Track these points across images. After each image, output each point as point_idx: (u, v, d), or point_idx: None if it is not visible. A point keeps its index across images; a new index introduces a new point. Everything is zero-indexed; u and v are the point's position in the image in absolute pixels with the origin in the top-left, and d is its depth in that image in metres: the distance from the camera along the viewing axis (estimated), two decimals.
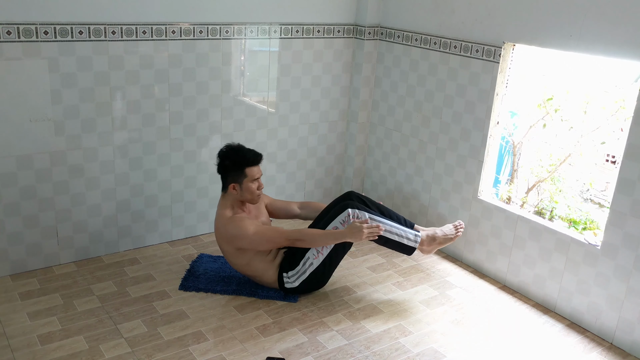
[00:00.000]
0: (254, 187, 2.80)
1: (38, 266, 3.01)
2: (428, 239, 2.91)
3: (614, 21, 2.50)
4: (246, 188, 2.79)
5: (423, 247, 2.91)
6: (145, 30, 2.96)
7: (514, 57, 3.03)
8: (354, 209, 2.79)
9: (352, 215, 2.77)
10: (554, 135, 3.64)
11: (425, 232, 2.94)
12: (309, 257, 2.79)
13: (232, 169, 2.78)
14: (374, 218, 2.80)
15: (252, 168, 2.79)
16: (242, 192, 2.79)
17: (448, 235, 2.94)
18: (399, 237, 2.83)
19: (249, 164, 2.78)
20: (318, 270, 2.81)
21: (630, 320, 2.61)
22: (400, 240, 2.84)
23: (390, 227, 2.82)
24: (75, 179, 2.99)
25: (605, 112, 3.39)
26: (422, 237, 2.90)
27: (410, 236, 2.86)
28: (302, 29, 3.50)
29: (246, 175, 2.77)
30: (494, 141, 3.18)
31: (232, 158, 2.79)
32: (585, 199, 3.72)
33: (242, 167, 2.77)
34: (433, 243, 2.92)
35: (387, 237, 2.81)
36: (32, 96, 2.75)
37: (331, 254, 2.80)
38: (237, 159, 2.79)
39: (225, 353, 2.44)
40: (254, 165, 2.80)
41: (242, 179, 2.77)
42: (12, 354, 2.34)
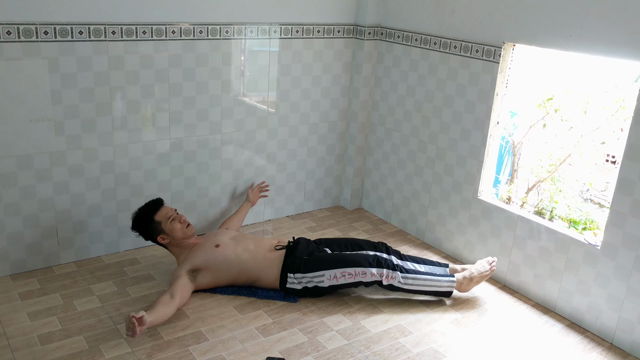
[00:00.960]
0: (175, 224, 2.83)
1: (38, 266, 3.01)
2: (465, 281, 2.93)
3: (614, 21, 2.50)
4: (171, 230, 2.82)
5: (461, 287, 2.94)
6: (145, 30, 2.96)
7: (514, 57, 3.03)
8: (390, 269, 2.82)
9: (386, 275, 2.80)
10: (554, 135, 3.64)
11: (462, 274, 2.95)
12: (324, 275, 2.80)
13: (147, 227, 2.84)
14: (407, 277, 2.84)
15: (159, 213, 2.84)
16: (172, 236, 2.83)
17: (483, 273, 2.94)
18: (436, 287, 2.89)
19: (153, 212, 2.84)
20: (324, 289, 2.83)
21: (630, 320, 2.61)
22: (436, 290, 2.90)
23: (423, 281, 2.86)
24: (75, 179, 2.99)
25: (605, 112, 3.39)
26: (458, 279, 2.92)
27: (445, 284, 2.90)
28: (302, 29, 3.50)
29: (159, 221, 2.82)
30: (494, 141, 3.18)
31: (139, 222, 2.86)
32: (585, 199, 3.72)
33: (150, 220, 2.82)
34: (471, 283, 2.94)
35: (423, 290, 2.89)
36: (32, 96, 2.75)
37: (344, 285, 2.83)
38: (142, 218, 2.85)
39: (225, 353, 2.44)
40: (158, 210, 2.85)
41: (160, 227, 2.82)
42: (12, 354, 2.34)
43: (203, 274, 2.80)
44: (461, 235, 3.37)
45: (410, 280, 2.84)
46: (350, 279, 2.79)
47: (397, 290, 2.86)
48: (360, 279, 2.79)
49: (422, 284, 2.86)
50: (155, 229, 2.83)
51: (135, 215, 2.88)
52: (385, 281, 2.81)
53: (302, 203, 3.93)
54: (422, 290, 2.88)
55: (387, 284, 2.82)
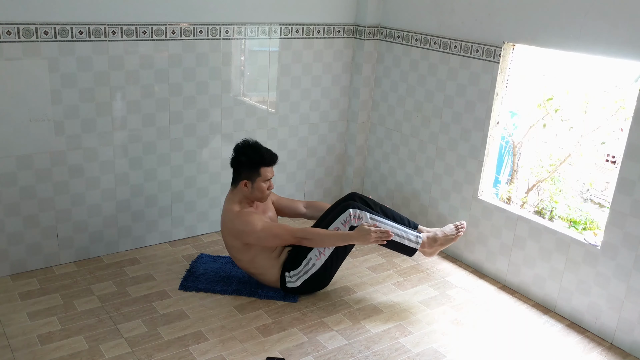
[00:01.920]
0: (265, 186, 2.80)
1: (38, 266, 3.01)
2: (429, 240, 2.90)
3: (614, 21, 2.50)
4: (257, 187, 2.78)
5: (425, 248, 2.91)
6: (145, 30, 2.96)
7: (514, 57, 3.03)
8: (355, 209, 2.79)
9: (353, 216, 2.77)
10: (554, 135, 3.64)
11: (427, 233, 2.94)
12: (311, 258, 2.79)
13: (247, 166, 2.78)
14: (375, 218, 2.80)
15: (267, 168, 2.79)
16: (253, 190, 2.79)
17: (449, 235, 2.93)
18: (400, 237, 2.83)
19: (265, 164, 2.78)
20: (320, 271, 2.81)
21: (630, 320, 2.61)
22: (401, 242, 2.83)
23: (391, 227, 2.81)
24: (75, 179, 2.99)
25: (605, 112, 3.39)
26: (424, 238, 2.89)
27: (412, 237, 2.86)
28: (302, 29, 3.50)
29: (260, 174, 2.77)
30: (494, 141, 3.18)
31: (249, 155, 2.78)
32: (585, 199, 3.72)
33: (257, 166, 2.77)
34: (434, 244, 2.91)
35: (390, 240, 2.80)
36: (32, 96, 2.75)
37: (332, 255, 2.80)
38: (254, 157, 2.78)
39: (225, 353, 2.44)
40: (269, 166, 2.80)
41: (255, 177, 2.77)
42: (12, 354, 2.34)
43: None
44: (462, 235, 3.36)
45: (377, 223, 2.77)
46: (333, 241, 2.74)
47: None
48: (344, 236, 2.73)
49: (390, 229, 2.78)
50: (251, 174, 2.77)
51: (248, 148, 2.79)
52: (353, 221, 2.76)
53: None
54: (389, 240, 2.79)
55: (356, 225, 2.76)
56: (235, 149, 2.82)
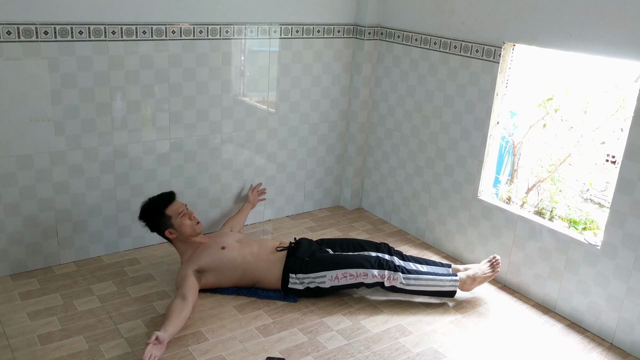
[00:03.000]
0: (185, 220, 2.82)
1: (38, 266, 3.01)
2: (469, 280, 2.92)
3: (614, 21, 2.50)
4: (179, 225, 2.80)
5: (464, 287, 2.93)
6: (145, 30, 2.96)
7: (514, 57, 3.03)
8: (391, 270, 2.81)
9: (387, 276, 2.80)
10: (554, 135, 3.64)
11: (465, 273, 2.94)
12: (326, 276, 2.80)
13: (157, 220, 2.81)
14: (409, 277, 2.83)
15: (170, 207, 2.82)
16: (180, 232, 2.81)
17: (487, 273, 2.94)
18: (438, 287, 2.87)
19: (165, 206, 2.82)
20: (325, 290, 2.83)
21: (630, 320, 2.61)
22: (439, 290, 2.88)
23: (425, 281, 2.85)
24: (75, 179, 2.99)
25: (605, 112, 3.39)
26: (462, 278, 2.91)
27: (447, 284, 2.88)
28: (302, 29, 3.50)
29: (170, 215, 2.80)
30: (494, 141, 3.18)
31: (148, 213, 2.83)
32: (585, 199, 3.72)
33: (161, 212, 2.80)
34: (473, 283, 2.93)
35: (425, 291, 2.87)
36: (32, 96, 2.75)
37: (345, 286, 2.83)
38: (152, 210, 2.82)
39: (225, 353, 2.44)
40: (170, 203, 2.83)
41: (170, 221, 2.80)
42: (12, 354, 2.34)
43: (208, 274, 2.80)
44: (461, 235, 3.37)
45: (412, 281, 2.84)
46: (352, 279, 2.79)
47: (400, 291, 2.85)
48: (362, 280, 2.79)
49: (425, 284, 2.85)
50: (165, 222, 2.81)
51: (145, 206, 2.86)
52: (387, 282, 2.80)
53: (302, 203, 3.93)
54: (425, 291, 2.87)
55: (389, 285, 2.82)
56: (140, 218, 2.86)
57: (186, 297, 2.57)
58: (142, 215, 2.85)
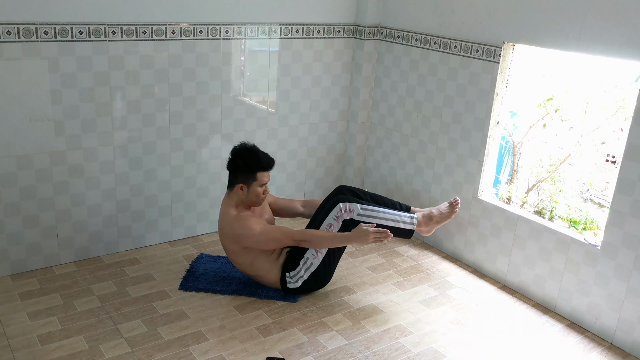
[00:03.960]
0: (261, 191, 2.80)
1: (38, 266, 3.01)
2: (425, 219, 2.91)
3: (614, 21, 2.50)
4: (253, 191, 2.78)
5: (421, 227, 2.90)
6: (145, 30, 2.96)
7: (514, 57, 3.03)
8: (345, 202, 2.78)
9: (344, 209, 2.76)
10: (554, 135, 3.64)
11: (421, 212, 2.94)
12: (308, 257, 2.79)
13: (243, 170, 2.77)
14: (366, 208, 2.79)
15: (263, 173, 2.78)
16: (248, 194, 2.78)
17: (444, 212, 2.93)
18: (395, 222, 2.83)
19: (261, 169, 2.77)
20: (318, 270, 2.81)
21: (630, 320, 2.61)
22: (396, 225, 2.83)
23: (383, 213, 2.81)
24: (75, 179, 2.99)
25: (605, 112, 3.39)
26: (419, 217, 2.89)
27: (406, 219, 2.86)
28: (302, 29, 3.50)
29: (256, 179, 2.76)
30: (494, 141, 3.18)
31: (246, 159, 2.77)
32: (585, 199, 3.72)
33: (253, 170, 2.76)
34: (430, 222, 2.91)
35: (383, 225, 2.80)
36: (32, 96, 2.75)
37: (329, 253, 2.80)
38: (251, 161, 2.77)
39: (225, 353, 2.44)
40: (265, 171, 2.79)
41: (251, 181, 2.76)
42: (12, 354, 2.34)
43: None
44: (461, 235, 3.37)
45: (369, 212, 2.78)
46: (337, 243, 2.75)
47: None
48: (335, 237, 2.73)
49: (383, 217, 2.80)
50: (246, 179, 2.76)
51: (245, 151, 2.78)
52: (345, 215, 2.76)
53: None
54: (384, 225, 2.80)
55: (348, 219, 2.76)
56: (233, 152, 2.81)
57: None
58: (237, 155, 2.79)
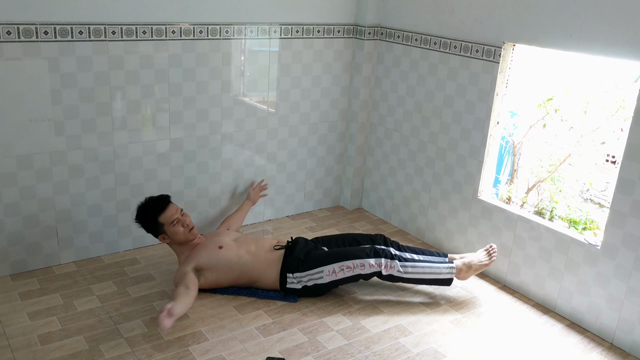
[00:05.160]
0: (178, 227, 2.80)
1: (38, 266, 3.01)
2: (465, 268, 2.93)
3: (614, 21, 2.50)
4: (172, 233, 2.80)
5: (460, 275, 2.94)
6: (145, 30, 2.96)
7: (514, 57, 3.03)
8: (387, 258, 2.80)
9: (385, 265, 2.79)
10: (554, 135, 3.64)
11: (461, 261, 2.95)
12: (323, 271, 2.79)
13: (149, 227, 2.82)
14: (406, 265, 2.82)
15: (163, 215, 2.79)
16: (172, 238, 2.82)
17: (483, 262, 2.94)
18: (435, 274, 2.87)
19: (157, 213, 2.79)
20: (324, 285, 2.82)
21: (630, 320, 2.61)
22: (436, 277, 2.88)
23: (422, 268, 2.85)
24: (75, 179, 2.99)
25: (605, 112, 3.39)
26: (458, 265, 2.92)
27: (444, 270, 2.88)
28: (302, 29, 3.50)
29: (162, 223, 2.79)
30: (494, 141, 3.18)
31: (141, 219, 2.83)
32: (585, 199, 3.72)
33: (154, 221, 2.79)
34: (470, 271, 2.94)
35: (423, 279, 2.87)
36: (32, 96, 2.75)
37: (344, 280, 2.82)
38: (145, 217, 2.82)
39: (225, 353, 2.44)
40: (163, 211, 2.79)
41: (161, 229, 2.80)
42: (12, 354, 2.34)
43: (206, 273, 2.79)
44: (461, 235, 3.37)
45: (409, 269, 2.82)
46: (349, 272, 2.77)
47: (398, 280, 2.84)
48: (359, 271, 2.77)
49: (422, 271, 2.84)
50: (157, 229, 2.82)
51: (140, 210, 2.85)
52: (384, 271, 2.79)
53: (302, 203, 3.93)
54: (423, 279, 2.87)
55: (387, 274, 2.80)
56: (136, 220, 2.85)
57: (189, 287, 2.58)
58: (137, 218, 2.86)
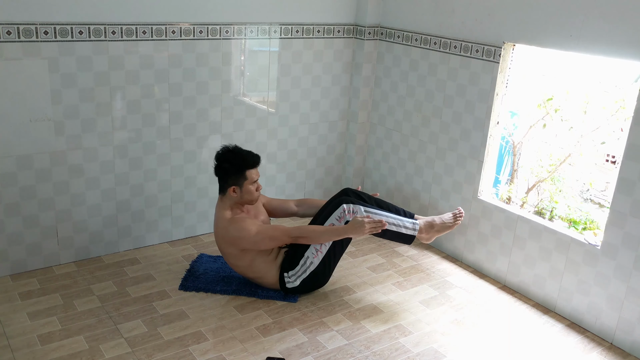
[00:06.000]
0: (254, 188, 2.80)
1: (38, 266, 3.01)
2: (426, 226, 2.92)
3: (614, 21, 2.50)
4: (246, 190, 2.78)
5: (422, 234, 2.92)
6: (145, 30, 2.96)
7: (514, 57, 3.03)
8: (349, 204, 2.79)
9: (347, 211, 2.77)
10: (554, 135, 3.63)
11: (424, 219, 2.95)
12: (309, 256, 2.79)
13: (232, 172, 2.77)
14: (370, 211, 2.80)
15: (252, 170, 2.78)
16: (242, 195, 2.79)
17: (447, 222, 2.94)
18: (397, 227, 2.84)
19: (249, 167, 2.77)
20: (318, 268, 2.81)
21: (630, 320, 2.61)
22: (398, 230, 2.85)
23: (386, 217, 2.82)
24: (75, 179, 2.99)
25: (605, 112, 3.39)
26: (421, 224, 2.90)
27: (408, 225, 2.87)
28: (302, 29, 3.50)
29: (246, 177, 2.76)
30: (494, 141, 3.18)
31: (231, 161, 2.77)
32: (585, 199, 3.72)
33: (241, 170, 2.76)
34: (431, 230, 2.92)
35: (386, 229, 2.81)
36: (32, 96, 2.75)
37: (330, 251, 2.80)
38: (237, 162, 2.77)
39: (225, 353, 2.44)
40: (253, 168, 2.79)
41: (241, 181, 2.76)
42: (12, 354, 2.34)
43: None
44: (461, 235, 3.37)
45: (373, 215, 2.78)
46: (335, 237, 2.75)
47: None
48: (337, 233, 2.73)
49: (386, 220, 2.79)
50: (237, 180, 2.76)
51: (230, 153, 2.78)
52: (348, 216, 2.77)
53: None
54: (386, 229, 2.80)
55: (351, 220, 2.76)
56: (217, 157, 2.81)
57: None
58: (222, 158, 2.78)
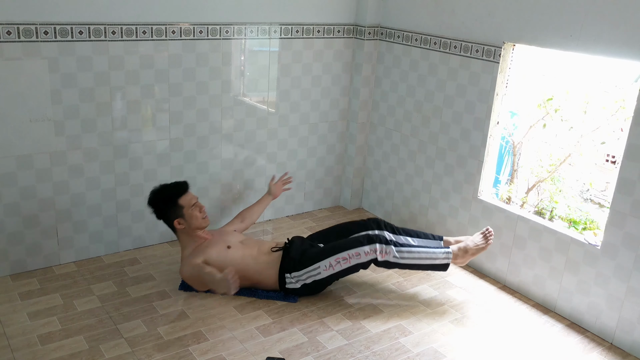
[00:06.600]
0: (196, 211, 2.83)
1: (38, 266, 3.01)
2: (461, 252, 2.91)
3: (614, 21, 2.50)
4: (189, 216, 2.81)
5: (457, 260, 2.92)
6: (145, 30, 2.96)
7: (514, 57, 3.03)
8: (382, 243, 2.78)
9: (379, 250, 2.76)
10: (554, 135, 3.63)
11: (457, 246, 2.94)
12: (319, 267, 2.78)
13: (168, 208, 2.81)
14: (402, 250, 2.80)
15: (184, 197, 2.83)
16: (189, 222, 2.82)
17: (479, 245, 2.93)
18: (431, 260, 2.85)
19: (180, 194, 2.82)
20: (323, 280, 2.82)
21: (630, 320, 2.61)
22: (432, 263, 2.86)
23: (418, 254, 2.83)
24: (75, 179, 2.99)
25: (605, 112, 3.39)
26: (454, 251, 2.90)
27: (441, 256, 2.87)
28: (302, 29, 3.50)
29: (182, 205, 2.80)
30: (494, 141, 3.18)
31: (161, 198, 2.83)
32: (585, 199, 3.72)
33: (173, 200, 2.81)
34: (466, 255, 2.92)
35: (419, 264, 2.84)
36: (32, 96, 2.75)
37: (341, 272, 2.80)
38: (166, 196, 2.82)
39: (225, 353, 2.44)
40: (185, 193, 2.83)
41: (180, 211, 2.80)
42: (12, 354, 2.34)
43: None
44: (461, 235, 3.37)
45: (405, 254, 2.80)
46: (346, 263, 2.76)
47: (394, 266, 2.83)
48: (356, 261, 2.76)
49: (418, 257, 2.82)
50: (175, 212, 2.80)
51: (158, 192, 2.84)
52: (380, 257, 2.77)
53: (302, 203, 3.93)
54: (419, 264, 2.84)
55: (383, 260, 2.78)
56: (149, 203, 2.85)
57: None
58: (153, 201, 2.84)
